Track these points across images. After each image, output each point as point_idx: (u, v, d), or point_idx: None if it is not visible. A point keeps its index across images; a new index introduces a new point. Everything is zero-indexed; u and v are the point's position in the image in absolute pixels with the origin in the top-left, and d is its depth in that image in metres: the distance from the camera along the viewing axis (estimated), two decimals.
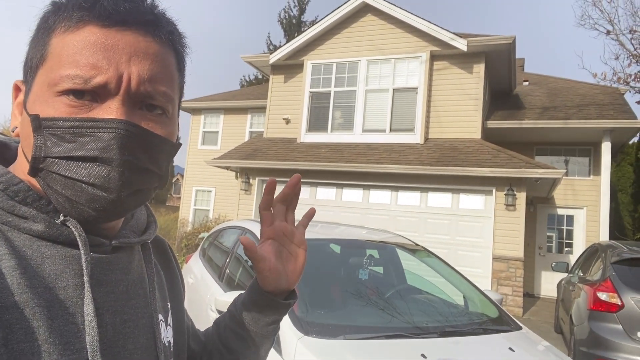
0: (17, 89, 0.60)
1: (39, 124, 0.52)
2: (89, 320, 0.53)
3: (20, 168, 0.58)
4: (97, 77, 0.52)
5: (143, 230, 0.71)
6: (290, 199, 0.79)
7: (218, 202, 13.93)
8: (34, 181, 0.56)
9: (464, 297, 3.25)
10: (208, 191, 14.28)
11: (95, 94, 0.53)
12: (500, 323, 2.79)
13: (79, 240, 0.55)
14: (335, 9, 10.81)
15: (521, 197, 8.51)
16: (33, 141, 0.53)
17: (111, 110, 0.53)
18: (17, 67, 0.61)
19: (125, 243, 0.62)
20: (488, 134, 10.44)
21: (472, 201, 8.98)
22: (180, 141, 0.64)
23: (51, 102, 0.52)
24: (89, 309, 0.53)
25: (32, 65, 0.56)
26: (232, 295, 2.59)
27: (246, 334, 0.81)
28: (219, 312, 2.59)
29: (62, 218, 0.55)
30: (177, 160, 29.70)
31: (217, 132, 14.56)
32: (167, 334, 0.70)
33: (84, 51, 0.52)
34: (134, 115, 0.55)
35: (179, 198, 15.90)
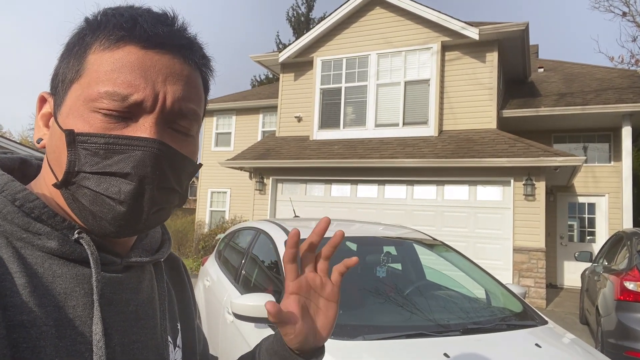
0: (42, 101, 0.60)
1: (73, 138, 0.53)
2: (97, 340, 0.53)
3: (44, 181, 0.59)
4: (134, 95, 0.53)
5: (156, 248, 0.70)
6: (320, 247, 0.70)
7: (234, 203, 13.96)
8: (51, 197, 0.57)
9: (485, 292, 3.16)
10: (223, 192, 14.33)
11: (130, 112, 0.54)
12: (524, 318, 2.70)
13: (90, 258, 0.55)
14: (343, 4, 10.71)
15: (540, 186, 8.33)
16: (67, 155, 0.53)
17: (145, 128, 0.54)
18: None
19: (137, 262, 0.62)
20: (504, 124, 10.25)
21: (490, 192, 8.82)
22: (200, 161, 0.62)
23: (86, 117, 0.53)
24: (97, 328, 0.53)
25: (66, 79, 0.56)
26: (248, 298, 2.55)
27: None
28: (235, 315, 2.54)
29: (76, 236, 0.55)
30: None
31: (229, 133, 14.59)
32: (175, 356, 0.69)
33: (122, 69, 0.53)
34: (165, 134, 0.56)
35: (195, 200, 15.98)
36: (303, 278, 0.69)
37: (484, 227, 8.76)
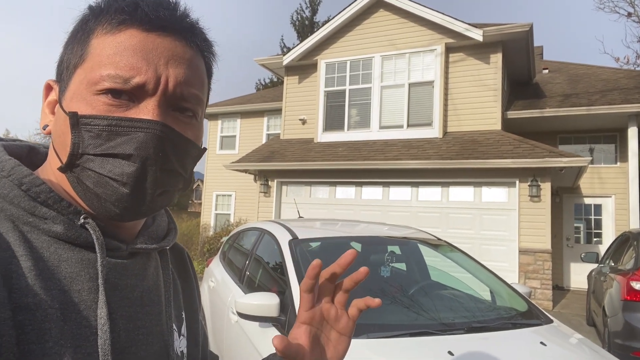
0: (48, 88, 0.61)
1: (76, 121, 0.53)
2: (101, 324, 0.53)
3: (50, 167, 0.59)
4: (136, 77, 0.54)
5: (162, 236, 0.70)
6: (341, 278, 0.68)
7: (238, 206, 13.98)
8: (57, 183, 0.58)
9: (490, 292, 3.14)
10: (228, 195, 14.35)
11: (133, 95, 0.54)
12: (530, 317, 2.69)
13: (95, 243, 0.55)
14: (347, 7, 10.73)
15: (546, 187, 8.29)
16: (71, 137, 0.53)
17: (148, 110, 0.54)
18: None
19: (142, 249, 0.62)
20: (508, 125, 10.22)
21: (495, 194, 8.79)
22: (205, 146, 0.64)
23: (89, 100, 0.54)
24: (102, 312, 0.53)
25: (70, 65, 0.57)
26: (253, 297, 2.56)
27: None
28: (239, 314, 2.55)
29: (82, 220, 0.55)
30: (197, 166, 29.89)
31: (234, 136, 14.62)
32: (180, 344, 0.69)
33: (124, 52, 0.54)
34: (168, 116, 0.56)
35: (200, 204, 16.02)
36: (318, 309, 0.66)
37: (489, 229, 8.73)
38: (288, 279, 2.66)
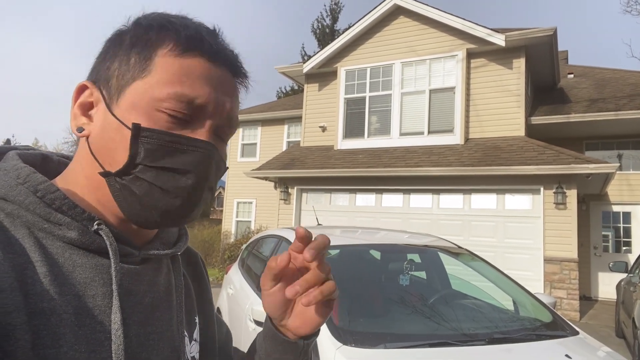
0: (82, 90, 0.61)
1: (138, 133, 0.56)
2: (115, 329, 0.54)
3: (75, 172, 0.60)
4: (200, 99, 0.58)
5: (174, 242, 0.71)
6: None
7: (259, 213, 14.04)
8: (72, 190, 0.59)
9: (513, 302, 3.06)
10: (249, 203, 14.44)
11: (191, 115, 0.58)
12: (554, 328, 2.60)
13: (109, 248, 0.56)
14: (367, 14, 10.74)
15: (572, 194, 8.08)
16: (129, 147, 0.56)
17: (204, 132, 0.59)
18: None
19: (154, 255, 0.63)
20: (532, 131, 10.02)
21: (518, 201, 8.61)
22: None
23: (151, 115, 0.56)
24: (116, 317, 0.54)
25: (125, 75, 0.58)
26: None
27: None
28: (256, 322, 2.54)
29: (95, 227, 0.56)
30: None
31: (255, 144, 14.73)
32: (191, 349, 0.69)
33: (190, 75, 0.58)
34: (214, 139, 0.61)
35: (222, 211, 16.16)
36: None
37: (513, 237, 8.54)
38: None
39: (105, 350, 0.53)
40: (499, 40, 9.16)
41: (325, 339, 2.21)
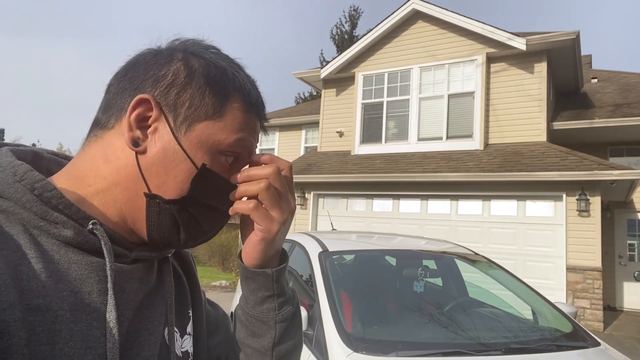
0: (143, 103, 0.61)
1: (204, 172, 0.61)
2: (110, 327, 0.54)
3: (97, 170, 0.61)
4: (252, 149, 0.68)
5: None
6: None
7: None
8: (69, 189, 0.59)
9: (532, 311, 2.96)
10: None
11: (237, 158, 0.66)
12: (575, 339, 2.50)
13: (104, 248, 0.56)
14: (384, 19, 10.69)
15: (595, 201, 7.86)
16: (191, 183, 0.60)
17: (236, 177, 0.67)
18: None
19: (146, 256, 0.64)
20: (554, 136, 9.81)
21: (540, 208, 8.41)
22: None
23: (216, 157, 0.62)
24: (111, 315, 0.55)
25: (197, 109, 0.62)
26: None
27: (244, 318, 0.73)
28: None
29: (90, 226, 0.57)
30: None
31: (272, 149, 14.78)
32: (184, 344, 0.71)
33: (249, 129, 0.66)
34: None
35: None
36: None
37: (534, 245, 8.34)
38: (316, 292, 2.60)
39: (100, 347, 0.53)
40: (520, 44, 9.01)
41: (336, 346, 2.16)
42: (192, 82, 0.62)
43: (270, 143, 14.90)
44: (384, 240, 3.91)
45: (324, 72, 11.36)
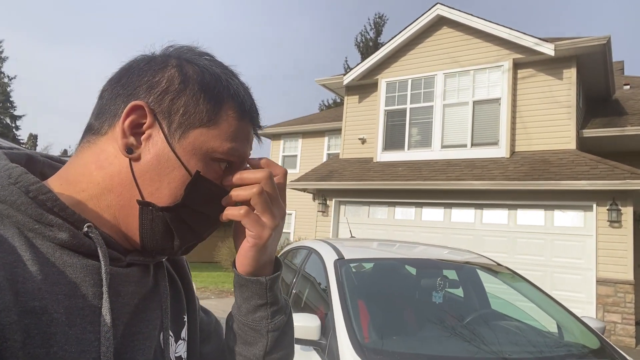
0: (137, 109, 0.60)
1: (198, 180, 0.61)
2: (104, 332, 0.54)
3: (90, 176, 0.60)
4: (245, 156, 0.67)
5: None
6: None
7: (298, 225, 14.04)
8: (63, 194, 0.58)
9: (557, 325, 2.83)
10: (288, 214, 14.47)
11: (230, 164, 0.65)
12: (602, 355, 2.36)
13: (99, 251, 0.56)
14: (408, 25, 10.61)
15: (627, 212, 7.56)
16: (185, 190, 0.60)
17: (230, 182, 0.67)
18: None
19: (140, 260, 0.64)
20: (584, 144, 9.51)
21: (569, 218, 8.15)
22: None
23: (209, 164, 0.62)
24: (106, 319, 0.54)
25: (191, 117, 0.61)
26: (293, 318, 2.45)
27: (236, 326, 0.73)
28: None
29: (85, 229, 0.56)
30: None
31: (295, 155, 14.82)
32: (178, 349, 0.70)
33: (243, 137, 0.65)
34: None
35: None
36: None
37: (562, 256, 8.07)
38: (330, 300, 2.54)
39: (95, 351, 0.53)
40: (548, 49, 8.79)
41: (349, 356, 2.10)
42: (187, 89, 0.61)
43: (293, 150, 14.95)
44: (405, 248, 3.82)
45: (347, 79, 11.33)
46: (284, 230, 10.73)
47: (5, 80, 30.63)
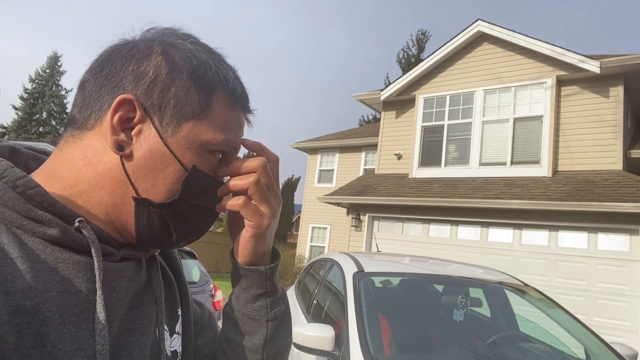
0: (125, 104, 0.57)
1: (195, 174, 0.60)
2: (99, 329, 0.52)
3: (78, 172, 0.57)
4: (238, 146, 0.67)
5: None
6: None
7: (333, 239, 14.02)
8: (50, 189, 0.56)
9: (585, 351, 2.70)
10: (323, 228, 14.49)
11: (224, 154, 0.65)
12: None
13: (92, 246, 0.54)
14: (448, 42, 10.52)
15: None
16: (182, 185, 0.59)
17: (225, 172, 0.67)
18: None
19: (133, 255, 0.63)
20: (632, 165, 9.07)
21: (614, 242, 7.75)
22: None
23: (204, 156, 0.61)
24: (100, 315, 0.52)
25: (182, 108, 0.59)
26: (309, 328, 2.47)
27: (234, 316, 0.71)
28: (295, 345, 2.47)
29: (76, 224, 0.54)
30: (296, 198, 30.88)
31: (332, 170, 14.86)
32: (172, 343, 0.69)
33: (236, 127, 0.65)
34: None
35: (297, 235, 16.39)
36: None
37: (606, 281, 7.67)
38: (346, 312, 2.54)
39: (90, 348, 0.51)
40: (594, 67, 8.50)
41: None
42: (176, 79, 0.58)
43: (330, 164, 15.01)
44: (437, 265, 3.76)
45: (384, 95, 11.33)
46: (318, 244, 10.81)
47: (63, 92, 32.40)
